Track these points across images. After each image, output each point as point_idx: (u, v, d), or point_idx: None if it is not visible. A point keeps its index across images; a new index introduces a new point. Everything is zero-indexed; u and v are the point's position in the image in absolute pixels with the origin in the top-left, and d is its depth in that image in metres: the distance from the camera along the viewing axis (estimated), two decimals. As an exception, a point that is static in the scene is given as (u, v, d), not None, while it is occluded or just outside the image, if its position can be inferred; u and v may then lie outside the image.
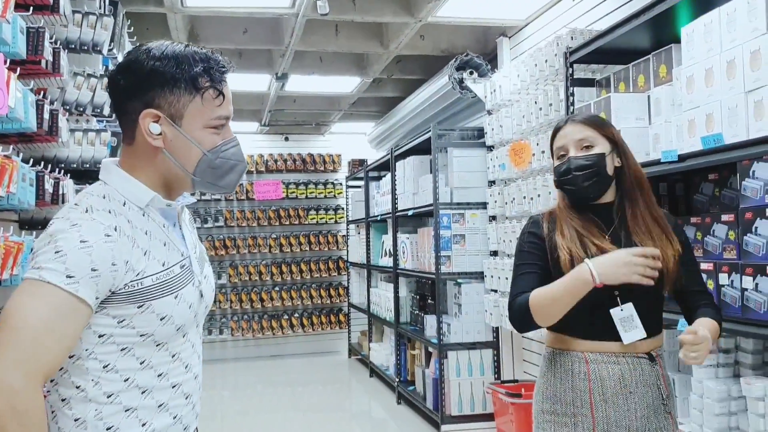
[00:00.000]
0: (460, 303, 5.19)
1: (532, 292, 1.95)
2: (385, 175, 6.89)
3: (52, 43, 2.72)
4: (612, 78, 3.24)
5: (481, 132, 5.09)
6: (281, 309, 8.92)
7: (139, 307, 1.35)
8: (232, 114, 1.48)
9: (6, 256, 2.10)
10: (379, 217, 6.99)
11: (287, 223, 8.93)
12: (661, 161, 2.57)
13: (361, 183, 7.92)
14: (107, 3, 3.46)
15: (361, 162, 8.64)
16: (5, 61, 2.06)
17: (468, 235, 5.13)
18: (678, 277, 1.98)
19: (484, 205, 5.05)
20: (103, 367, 1.36)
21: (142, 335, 1.38)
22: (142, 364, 1.39)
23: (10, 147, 2.42)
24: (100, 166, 1.47)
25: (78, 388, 1.36)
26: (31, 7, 2.60)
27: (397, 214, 6.25)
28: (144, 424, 1.40)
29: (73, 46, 3.09)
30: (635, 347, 1.95)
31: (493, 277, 4.71)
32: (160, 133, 1.40)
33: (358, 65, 6.44)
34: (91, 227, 1.32)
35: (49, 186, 2.65)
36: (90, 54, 3.20)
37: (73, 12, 3.06)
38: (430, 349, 5.60)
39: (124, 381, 1.38)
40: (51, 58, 2.71)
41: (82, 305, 1.28)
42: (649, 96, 2.82)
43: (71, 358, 1.35)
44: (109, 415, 1.36)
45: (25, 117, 2.29)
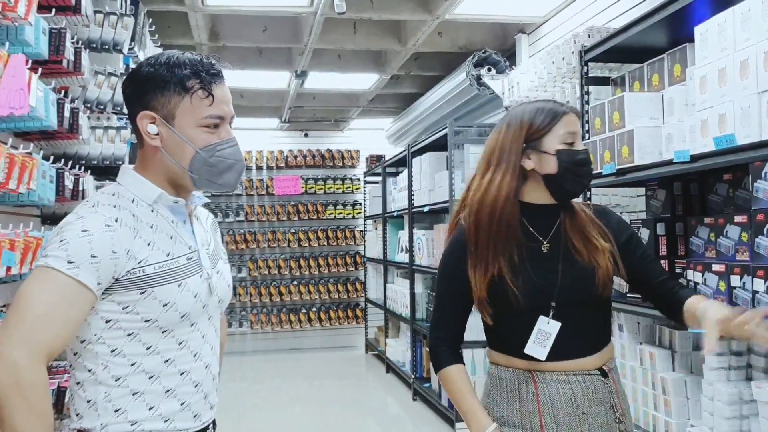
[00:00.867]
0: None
1: (446, 369, 1.84)
2: (402, 171, 6.91)
3: (73, 43, 2.77)
4: (627, 77, 3.23)
5: (498, 129, 5.09)
6: (299, 303, 8.99)
7: (141, 293, 1.44)
8: (228, 114, 1.56)
9: (25, 250, 2.16)
10: (395, 213, 7.02)
11: (306, 218, 9.00)
12: (674, 161, 2.57)
13: (379, 179, 7.95)
14: (128, 3, 3.51)
15: (379, 158, 8.68)
16: (27, 62, 2.12)
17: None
18: (611, 278, 1.83)
19: (500, 202, 5.04)
20: (111, 351, 1.45)
21: (146, 321, 1.46)
22: (148, 349, 1.47)
23: (31, 145, 2.48)
24: (120, 169, 1.59)
25: (89, 371, 1.45)
26: (53, 9, 2.66)
27: (414, 210, 6.28)
28: (151, 408, 1.47)
29: (94, 46, 3.15)
30: (582, 364, 1.78)
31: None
32: (157, 133, 1.51)
33: (377, 62, 6.47)
34: (94, 219, 1.43)
35: (69, 182, 2.71)
36: (111, 53, 3.26)
37: (95, 12, 3.11)
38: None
39: (131, 365, 1.46)
40: (72, 58, 2.76)
41: (83, 289, 1.38)
42: (662, 95, 2.81)
43: (83, 342, 1.45)
44: (117, 397, 1.45)
45: (45, 115, 2.35)
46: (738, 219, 2.42)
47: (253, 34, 5.54)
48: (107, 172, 3.31)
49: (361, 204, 9.11)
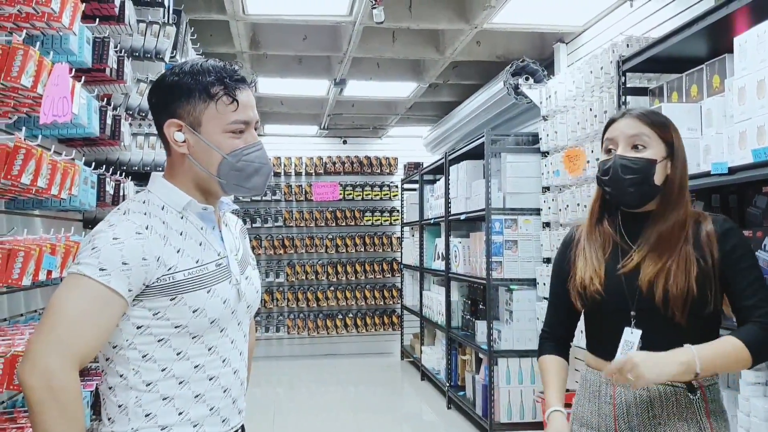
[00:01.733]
0: (512, 310, 5.18)
1: (544, 357, 1.99)
2: (439, 179, 6.92)
3: (116, 51, 2.85)
4: (665, 87, 3.19)
5: (535, 138, 5.07)
6: (336, 309, 9.04)
7: (171, 299, 1.47)
8: (253, 119, 1.57)
9: (66, 254, 2.23)
10: (432, 221, 7.02)
11: (343, 224, 9.05)
12: (711, 173, 2.53)
13: (416, 186, 7.97)
14: (171, 12, 3.60)
15: (417, 165, 8.69)
16: (71, 70, 2.19)
17: (520, 241, 5.11)
18: (692, 298, 1.74)
19: (537, 211, 5.02)
20: (142, 356, 1.48)
21: (176, 327, 1.48)
22: (178, 354, 1.50)
23: (73, 151, 2.56)
24: (150, 177, 1.62)
25: (121, 376, 1.48)
26: (97, 18, 2.74)
27: (450, 217, 6.27)
28: (181, 413, 1.50)
29: (136, 54, 3.23)
30: None
31: (545, 284, 4.68)
32: (184, 141, 1.53)
33: (415, 71, 6.49)
34: (125, 226, 1.45)
35: (109, 188, 2.79)
36: (153, 61, 3.34)
37: (138, 21, 3.19)
38: (481, 356, 5.60)
39: (162, 370, 1.49)
40: (115, 66, 2.84)
41: (114, 296, 1.41)
42: (701, 106, 2.78)
43: (115, 348, 1.48)
44: (147, 402, 1.48)
45: (88, 123, 2.42)
46: (777, 232, 2.37)
47: (294, 42, 5.61)
48: (147, 178, 3.38)
49: (398, 211, 9.13)
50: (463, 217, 5.80)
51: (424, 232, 7.52)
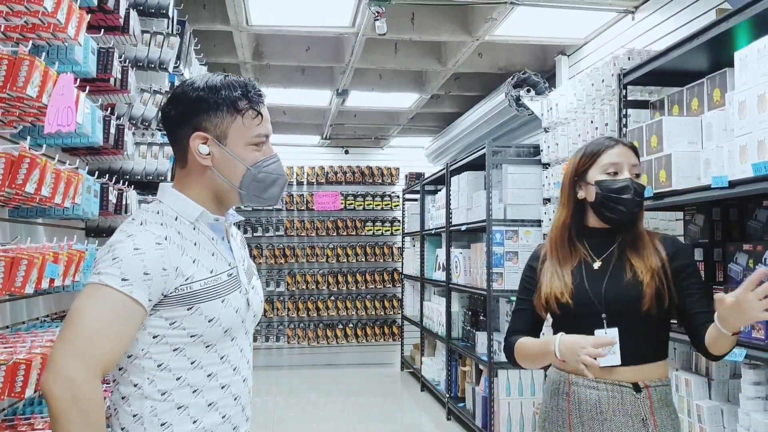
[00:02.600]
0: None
1: (518, 340, 2.12)
2: (440, 189, 6.93)
3: (121, 61, 2.87)
4: (666, 100, 3.21)
5: (536, 149, 5.08)
6: (336, 318, 9.03)
7: (188, 309, 1.48)
8: (271, 132, 1.63)
9: (68, 263, 2.24)
10: (433, 231, 7.03)
11: (344, 233, 9.06)
12: (712, 187, 2.54)
13: (417, 196, 7.98)
14: (175, 23, 3.62)
15: (418, 175, 8.71)
16: (75, 80, 2.20)
17: (521, 253, 5.10)
18: (661, 301, 1.97)
19: (538, 222, 5.03)
20: (158, 366, 1.49)
21: (192, 336, 1.50)
22: (192, 364, 1.52)
23: (77, 160, 2.57)
24: (159, 188, 1.63)
25: (136, 386, 1.49)
26: (102, 29, 2.76)
27: (451, 228, 6.28)
28: (195, 422, 1.52)
29: (140, 64, 3.26)
30: (615, 374, 1.95)
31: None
32: (209, 153, 1.55)
33: (417, 82, 6.52)
34: (145, 237, 1.47)
35: (112, 197, 2.80)
36: (157, 71, 3.36)
37: (142, 32, 3.22)
38: (481, 367, 5.59)
39: (177, 379, 1.50)
40: (119, 76, 2.86)
41: (136, 306, 1.42)
42: (701, 120, 2.79)
43: (129, 357, 1.49)
44: (163, 411, 1.49)
45: (92, 132, 2.44)
46: (777, 246, 2.38)
47: (296, 53, 5.64)
48: (150, 187, 3.41)
49: (399, 221, 9.13)
50: (464, 227, 5.81)
51: (425, 242, 7.52)
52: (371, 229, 9.12)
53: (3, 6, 1.88)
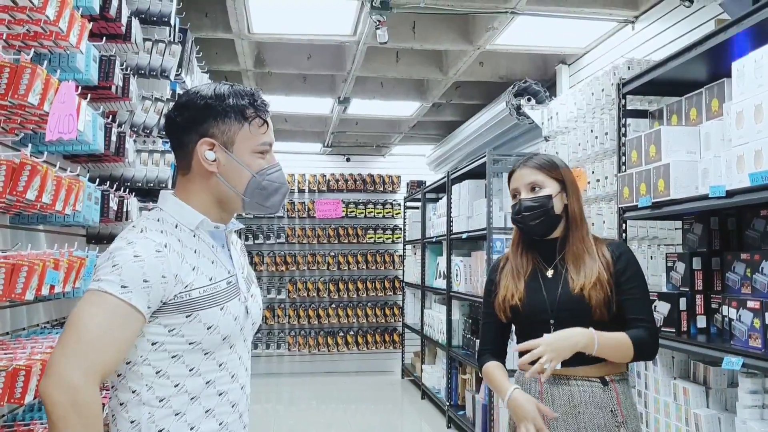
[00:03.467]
0: (511, 330, 5.16)
1: (486, 365, 2.28)
2: (441, 198, 6.94)
3: (122, 69, 2.89)
4: (665, 110, 3.22)
5: (537, 158, 5.09)
6: (337, 326, 9.03)
7: (187, 316, 1.50)
8: (274, 141, 1.66)
9: (69, 269, 2.25)
10: (434, 239, 7.03)
11: (346, 241, 9.06)
12: (709, 196, 2.55)
13: (419, 204, 7.99)
14: (177, 31, 3.65)
15: (420, 183, 8.72)
16: (77, 88, 2.22)
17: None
18: (609, 305, 2.11)
19: (538, 231, 5.03)
20: (156, 372, 1.50)
21: (190, 343, 1.51)
22: (191, 371, 1.52)
23: (78, 167, 2.59)
24: (159, 195, 1.64)
25: (134, 392, 1.50)
26: (104, 37, 2.78)
27: (452, 236, 6.29)
28: (192, 428, 1.52)
29: (142, 72, 3.28)
30: (583, 372, 2.10)
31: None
32: (215, 160, 1.57)
33: (418, 90, 6.54)
34: (144, 244, 1.48)
35: (113, 204, 2.81)
36: (158, 79, 3.38)
37: (144, 40, 3.24)
38: (481, 375, 5.58)
39: (175, 386, 1.51)
40: (121, 84, 2.89)
41: (135, 312, 1.43)
42: (699, 130, 2.80)
43: (128, 364, 1.50)
44: (160, 418, 1.50)
45: (93, 140, 2.45)
46: (774, 256, 2.39)
47: (298, 61, 5.66)
48: (151, 194, 3.42)
49: (401, 229, 9.14)
50: (464, 235, 5.81)
51: (426, 250, 7.53)
52: (372, 237, 9.13)
53: (5, 14, 1.90)
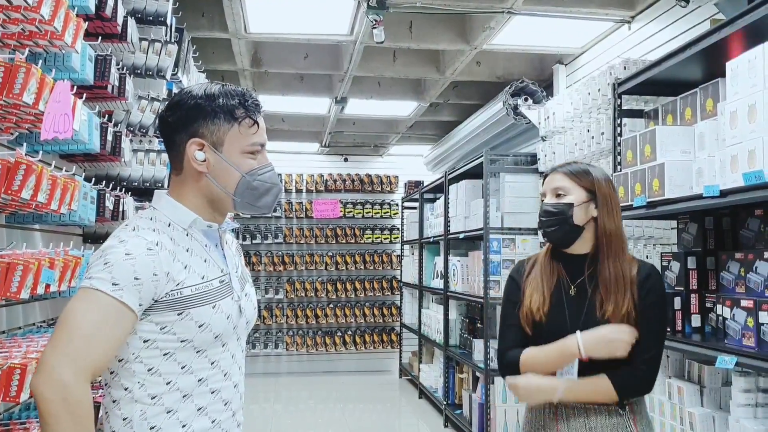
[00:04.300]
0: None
1: (523, 352, 2.06)
2: (439, 198, 6.95)
3: (118, 69, 2.90)
4: (660, 110, 3.23)
5: (534, 158, 5.11)
6: (335, 326, 9.04)
7: (179, 314, 1.50)
8: (266, 142, 1.65)
9: (64, 268, 2.25)
10: (432, 239, 7.04)
11: (343, 241, 9.07)
12: (703, 196, 2.56)
13: (416, 204, 8.00)
14: (173, 30, 3.65)
15: (417, 183, 8.73)
16: (72, 88, 2.23)
17: (518, 261, 5.10)
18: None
19: (535, 231, 5.04)
20: (148, 370, 1.51)
21: (182, 341, 1.52)
22: (183, 368, 1.53)
23: (74, 167, 2.59)
24: (154, 195, 1.65)
25: (126, 389, 1.51)
26: (100, 36, 2.78)
27: (449, 236, 6.30)
28: (184, 426, 1.53)
29: (138, 72, 3.28)
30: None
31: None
32: (204, 160, 1.58)
33: (415, 90, 6.55)
34: (136, 243, 1.49)
35: (109, 203, 2.82)
36: (154, 78, 3.39)
37: (140, 39, 3.24)
38: (478, 374, 5.60)
39: (167, 384, 1.52)
40: (117, 83, 2.89)
41: (126, 310, 1.44)
42: (694, 129, 2.81)
43: (120, 361, 1.50)
44: (152, 415, 1.50)
45: (89, 139, 2.46)
46: (768, 255, 2.40)
47: (295, 60, 5.67)
48: (147, 193, 3.42)
49: (398, 229, 9.15)
50: (461, 235, 5.82)
51: (424, 250, 7.54)
52: (370, 237, 9.13)
53: (0, 13, 1.90)
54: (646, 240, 3.81)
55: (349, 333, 9.01)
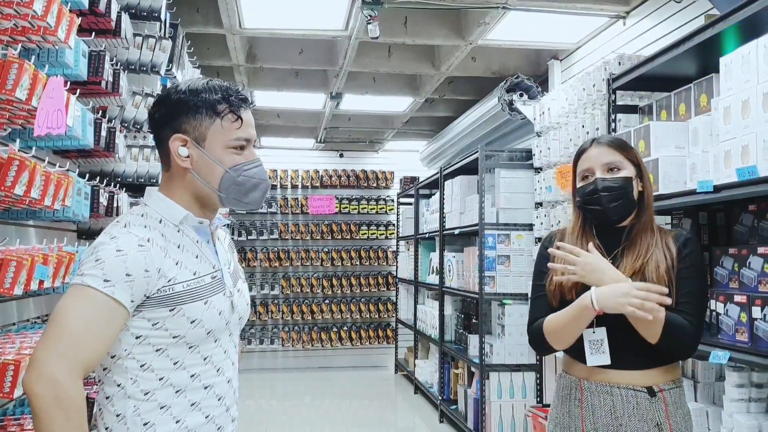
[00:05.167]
0: (504, 324, 5.19)
1: (545, 318, 2.03)
2: (434, 193, 6.95)
3: (112, 64, 2.89)
4: (654, 105, 3.23)
5: (529, 153, 5.11)
6: (331, 322, 9.04)
7: (171, 310, 1.50)
8: (253, 137, 1.64)
9: (58, 265, 2.25)
10: (427, 235, 7.05)
11: (339, 237, 9.07)
12: (697, 191, 2.57)
13: (412, 200, 8.00)
14: (167, 26, 3.64)
15: (413, 179, 8.73)
16: (66, 83, 2.22)
17: (513, 256, 5.13)
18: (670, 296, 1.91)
19: (530, 226, 5.04)
20: (140, 366, 1.51)
21: (174, 337, 1.52)
22: (175, 364, 1.53)
23: (67, 162, 2.59)
24: (145, 191, 1.66)
25: (119, 386, 1.51)
26: (93, 32, 2.77)
27: (445, 232, 6.30)
28: (178, 421, 1.53)
29: (132, 67, 3.27)
30: (629, 379, 1.93)
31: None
32: (188, 156, 1.58)
33: (411, 86, 6.54)
34: (127, 239, 1.49)
35: (103, 199, 2.81)
36: (149, 74, 3.37)
37: (134, 35, 3.23)
38: (473, 369, 5.61)
39: (159, 380, 1.52)
40: (111, 79, 2.88)
41: (118, 306, 1.44)
42: (688, 125, 2.81)
43: (113, 357, 1.50)
44: (146, 411, 1.51)
45: (82, 135, 2.45)
46: (761, 250, 2.40)
47: (290, 56, 5.66)
48: (142, 189, 3.41)
49: (394, 225, 9.15)
50: (457, 231, 5.83)
51: (420, 246, 7.54)
52: (366, 233, 9.14)
53: (-7, 9, 1.89)
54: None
55: (345, 329, 9.02)
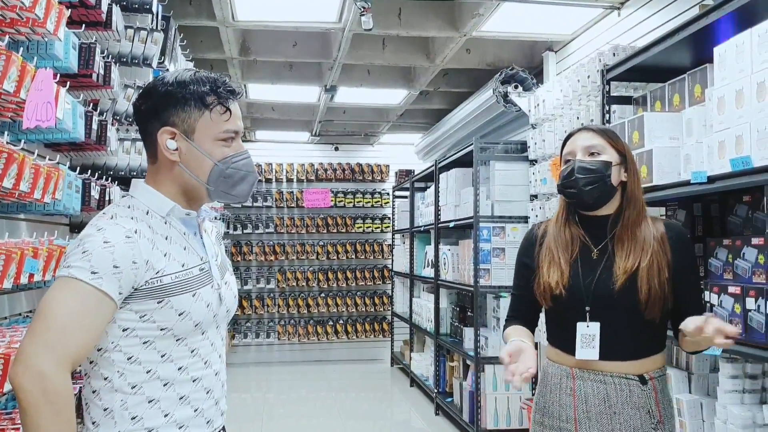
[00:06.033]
0: (499, 317, 5.19)
1: (507, 328, 2.11)
2: (429, 186, 6.94)
3: (103, 57, 2.86)
4: (648, 96, 3.22)
5: (524, 146, 5.10)
6: (326, 315, 9.04)
7: (158, 302, 1.49)
8: (241, 129, 1.62)
9: (49, 258, 2.23)
10: (422, 228, 7.04)
11: (335, 231, 9.06)
12: (691, 182, 2.56)
13: (407, 193, 7.99)
14: (159, 18, 3.61)
15: (408, 172, 8.72)
16: (55, 76, 2.20)
17: (508, 249, 5.12)
18: (664, 297, 1.95)
19: (525, 219, 5.04)
20: (128, 359, 1.49)
21: (162, 329, 1.51)
22: (163, 357, 1.52)
23: (57, 156, 2.57)
24: (131, 183, 1.63)
25: (106, 379, 1.49)
26: (84, 24, 2.75)
27: (440, 225, 6.29)
28: (166, 415, 1.52)
29: (124, 60, 3.24)
30: (621, 368, 1.95)
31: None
32: (176, 149, 1.56)
33: (405, 78, 6.52)
34: (114, 230, 1.47)
35: (95, 193, 2.79)
36: (140, 67, 3.35)
37: (126, 27, 3.20)
38: (468, 362, 5.61)
39: (147, 372, 1.50)
40: (102, 72, 2.85)
41: (106, 298, 1.42)
42: (682, 116, 2.80)
43: (99, 350, 1.49)
44: (133, 405, 1.49)
45: (73, 128, 2.43)
46: (755, 241, 2.40)
47: (284, 48, 5.63)
48: (134, 182, 3.39)
49: (389, 218, 9.14)
50: (452, 224, 5.82)
51: (415, 239, 7.53)
52: (361, 227, 9.13)
53: (-21, 1, 1.87)
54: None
55: (341, 322, 9.02)
